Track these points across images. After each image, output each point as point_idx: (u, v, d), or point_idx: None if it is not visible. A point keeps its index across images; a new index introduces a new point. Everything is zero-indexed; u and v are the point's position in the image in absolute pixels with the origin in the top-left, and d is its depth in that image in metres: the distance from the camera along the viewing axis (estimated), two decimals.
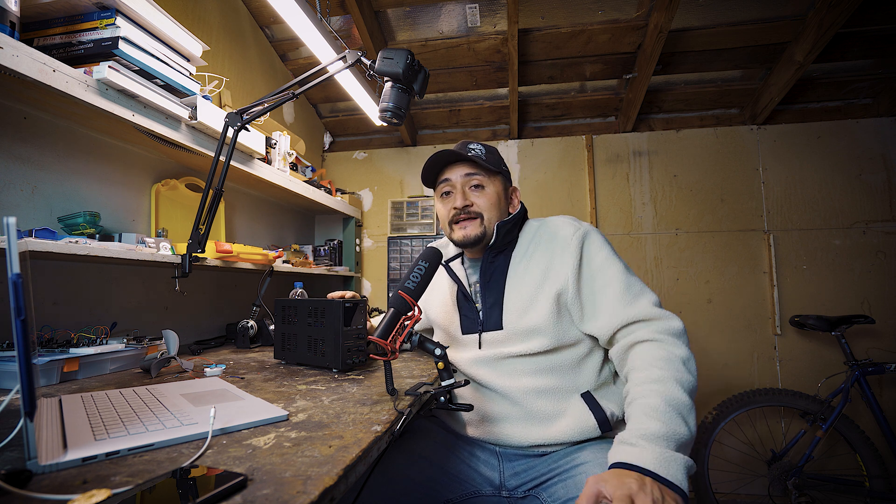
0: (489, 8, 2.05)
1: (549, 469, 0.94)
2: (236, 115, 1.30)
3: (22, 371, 0.45)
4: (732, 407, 2.18)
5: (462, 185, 1.07)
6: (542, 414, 0.97)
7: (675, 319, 0.91)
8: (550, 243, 1.04)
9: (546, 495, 0.90)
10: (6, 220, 0.44)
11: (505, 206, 1.11)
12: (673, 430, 0.74)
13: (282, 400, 0.81)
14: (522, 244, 1.08)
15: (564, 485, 0.88)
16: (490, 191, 1.07)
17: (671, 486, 0.67)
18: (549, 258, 1.02)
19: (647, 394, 0.80)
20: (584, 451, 0.91)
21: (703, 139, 2.56)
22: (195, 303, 1.71)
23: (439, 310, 1.17)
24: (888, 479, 2.00)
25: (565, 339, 0.99)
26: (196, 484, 0.46)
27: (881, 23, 1.97)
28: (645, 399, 0.79)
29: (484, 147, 1.09)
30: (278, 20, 2.14)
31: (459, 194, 1.07)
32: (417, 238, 2.77)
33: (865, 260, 2.34)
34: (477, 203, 1.06)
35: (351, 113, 2.81)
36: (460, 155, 1.05)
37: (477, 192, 1.07)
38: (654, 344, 0.88)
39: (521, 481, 0.97)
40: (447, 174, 1.09)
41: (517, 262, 1.06)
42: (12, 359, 0.87)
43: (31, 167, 1.12)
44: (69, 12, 1.05)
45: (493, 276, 1.07)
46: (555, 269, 1.00)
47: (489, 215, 1.06)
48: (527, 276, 1.03)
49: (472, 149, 1.07)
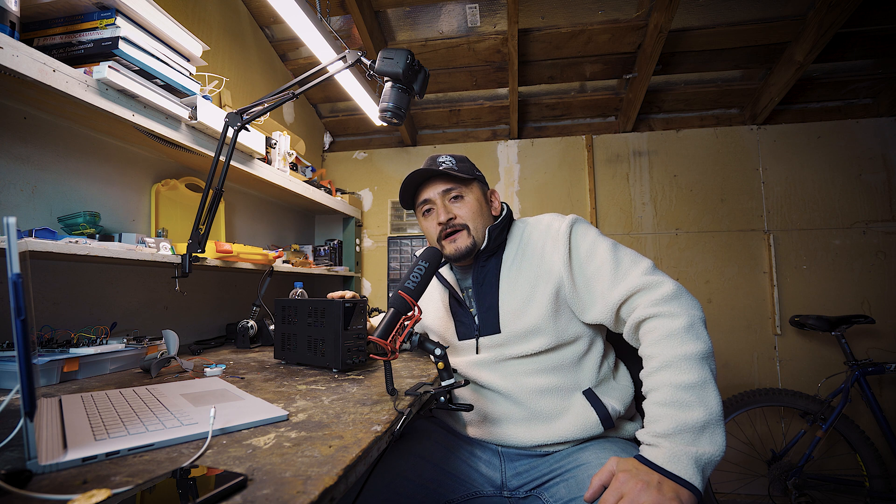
0: (489, 8, 2.05)
1: (552, 469, 0.94)
2: (236, 115, 1.30)
3: (22, 371, 0.45)
4: (732, 407, 2.18)
5: (441, 199, 1.08)
6: (545, 413, 0.97)
7: (667, 283, 0.88)
8: (539, 241, 1.04)
9: (548, 495, 0.90)
10: (6, 220, 0.44)
11: (488, 210, 1.11)
12: (682, 421, 0.74)
13: (282, 400, 0.81)
14: (512, 246, 1.08)
15: (567, 484, 0.88)
16: (470, 199, 1.08)
17: (683, 483, 0.69)
18: (540, 256, 1.02)
19: (656, 386, 0.80)
20: (586, 452, 0.91)
21: (703, 139, 2.56)
22: (195, 303, 1.71)
23: (433, 316, 1.17)
24: (888, 479, 2.00)
25: (565, 336, 0.99)
26: (196, 484, 0.46)
27: (881, 23, 1.97)
28: (655, 393, 0.80)
29: (453, 157, 1.10)
30: (278, 20, 2.14)
31: (441, 209, 1.07)
32: (417, 238, 2.77)
33: (865, 260, 2.34)
34: (460, 214, 1.07)
35: (351, 113, 2.81)
36: (432, 171, 1.05)
37: (457, 203, 1.08)
38: (654, 320, 0.86)
39: (523, 481, 0.97)
40: (424, 194, 1.10)
41: (508, 264, 1.06)
42: (12, 359, 0.87)
43: (31, 167, 1.12)
44: (69, 12, 1.05)
45: (485, 280, 1.07)
46: (547, 266, 1.00)
47: (474, 224, 1.06)
48: (520, 277, 1.03)
49: (442, 162, 1.08)
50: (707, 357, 0.80)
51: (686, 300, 0.87)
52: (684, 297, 0.87)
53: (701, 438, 0.74)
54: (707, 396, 0.76)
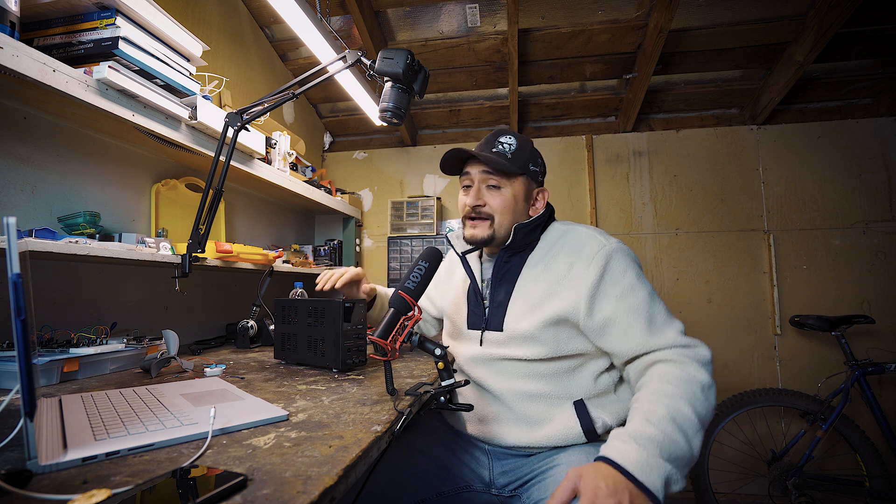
0: (489, 8, 2.05)
1: (532, 470, 0.94)
2: (236, 115, 1.30)
3: (22, 371, 0.45)
4: (732, 407, 2.18)
5: (479, 181, 1.04)
6: (530, 418, 0.97)
7: (702, 347, 0.87)
8: (572, 254, 0.98)
9: (526, 496, 0.91)
10: (6, 220, 0.44)
11: (524, 208, 1.05)
12: (669, 438, 0.72)
13: (282, 400, 0.81)
14: (542, 248, 1.04)
15: (539, 486, 0.88)
16: (506, 192, 1.02)
17: (647, 493, 0.66)
18: (568, 268, 0.97)
19: (653, 401, 0.78)
20: (564, 454, 0.91)
21: (703, 139, 2.56)
22: (195, 303, 1.71)
23: (451, 300, 1.17)
24: (888, 479, 2.00)
25: (563, 350, 0.96)
26: (196, 484, 0.46)
27: (881, 23, 1.97)
28: (649, 405, 0.78)
29: (515, 142, 1.04)
30: (278, 20, 2.14)
31: (475, 191, 1.03)
32: (417, 238, 2.77)
33: (865, 260, 2.34)
34: (490, 204, 1.03)
35: (351, 113, 2.81)
36: (476, 155, 1.01)
37: (492, 192, 1.03)
38: (675, 364, 0.84)
39: (509, 480, 0.98)
40: (468, 167, 1.06)
41: (532, 266, 1.03)
42: (12, 359, 0.87)
43: (31, 167, 1.12)
44: (69, 12, 1.05)
45: (504, 277, 1.05)
46: (571, 280, 0.96)
47: (501, 218, 1.02)
48: (538, 282, 1.00)
49: (501, 142, 1.03)
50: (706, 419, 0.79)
51: (711, 370, 0.85)
52: (711, 368, 0.85)
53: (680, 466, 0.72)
54: (696, 443, 0.75)
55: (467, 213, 1.05)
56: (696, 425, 0.76)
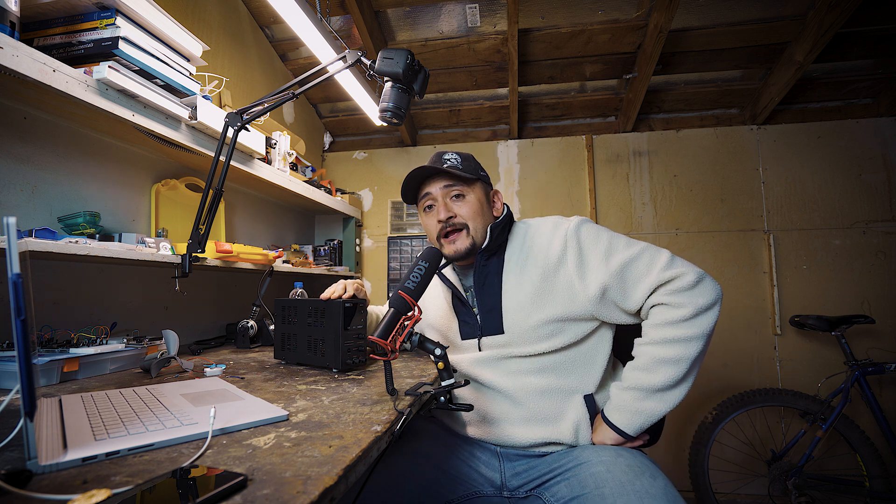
0: (489, 8, 2.05)
1: (551, 469, 0.94)
2: (236, 115, 1.30)
3: (22, 371, 0.45)
4: (732, 407, 2.18)
5: (443, 196, 1.07)
6: (543, 414, 0.97)
7: (687, 274, 0.91)
8: (545, 241, 1.03)
9: (549, 495, 0.90)
10: (6, 220, 0.44)
11: (489, 210, 1.10)
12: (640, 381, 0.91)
13: (282, 400, 0.81)
14: (514, 246, 1.07)
15: (568, 483, 0.88)
16: (472, 199, 1.06)
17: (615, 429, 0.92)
18: (545, 255, 1.01)
19: (638, 354, 0.94)
20: (587, 451, 0.92)
21: (703, 139, 2.56)
22: (195, 303, 1.71)
23: (436, 315, 1.17)
24: (888, 479, 2.00)
25: (569, 337, 0.99)
26: (196, 484, 0.46)
27: (881, 23, 1.97)
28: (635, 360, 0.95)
29: (459, 155, 1.09)
30: (278, 20, 2.14)
31: (441, 206, 1.06)
32: (417, 238, 2.77)
33: (865, 260, 2.34)
34: (460, 213, 1.06)
35: (351, 113, 2.81)
36: (436, 169, 1.05)
37: (458, 201, 1.06)
38: (660, 309, 0.93)
39: (523, 481, 0.97)
40: (427, 188, 1.09)
41: (511, 265, 1.05)
42: (12, 359, 0.87)
43: (31, 167, 1.12)
44: (69, 12, 1.05)
45: (487, 280, 1.06)
46: (554, 268, 1.00)
47: (474, 224, 1.05)
48: (524, 277, 1.02)
49: (448, 159, 1.07)
50: (694, 339, 0.88)
51: (699, 290, 0.90)
52: (698, 287, 0.91)
53: (651, 397, 0.89)
54: (675, 368, 0.88)
55: (440, 231, 1.07)
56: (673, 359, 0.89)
